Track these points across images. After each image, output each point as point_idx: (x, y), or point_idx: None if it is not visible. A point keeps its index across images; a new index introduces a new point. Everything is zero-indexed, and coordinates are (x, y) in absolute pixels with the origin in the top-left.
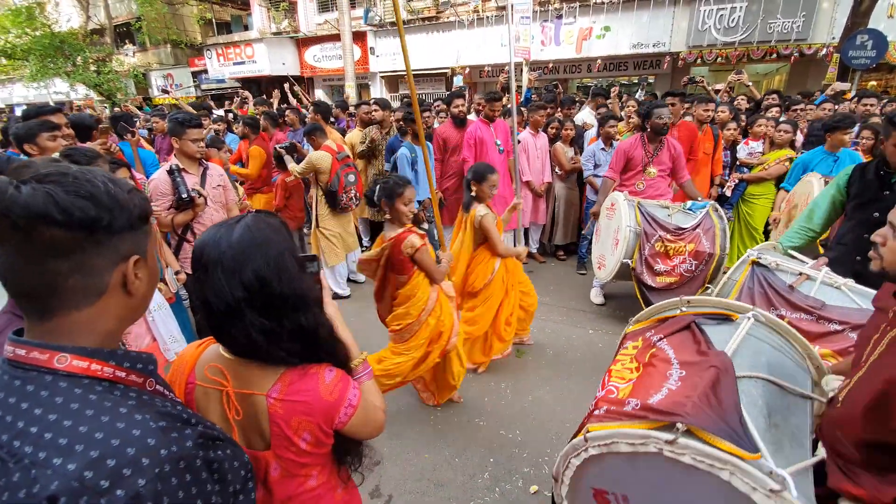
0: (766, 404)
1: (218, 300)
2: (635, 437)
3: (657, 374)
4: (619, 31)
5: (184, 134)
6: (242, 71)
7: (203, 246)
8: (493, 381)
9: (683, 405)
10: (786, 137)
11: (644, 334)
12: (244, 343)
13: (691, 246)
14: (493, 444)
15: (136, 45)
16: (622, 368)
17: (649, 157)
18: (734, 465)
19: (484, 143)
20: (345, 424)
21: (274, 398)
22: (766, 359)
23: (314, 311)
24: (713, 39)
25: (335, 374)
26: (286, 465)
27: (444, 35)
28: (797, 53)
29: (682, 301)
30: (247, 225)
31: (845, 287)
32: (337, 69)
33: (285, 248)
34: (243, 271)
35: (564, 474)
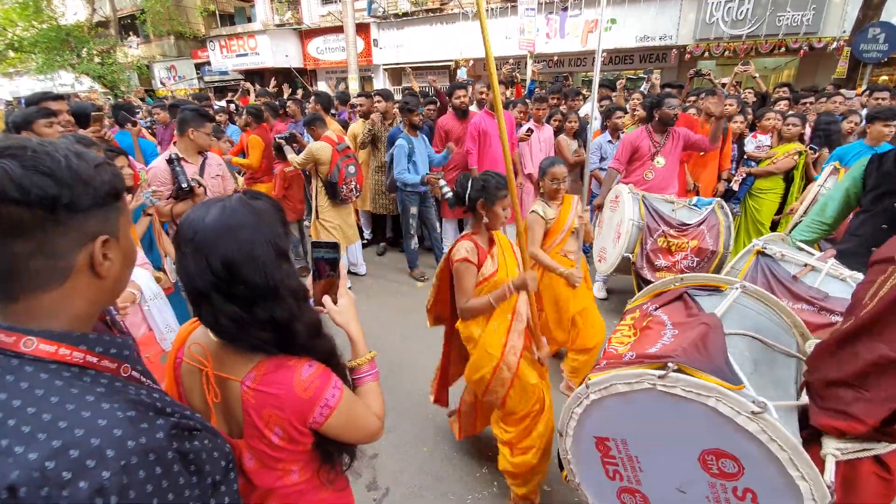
0: (752, 356)
1: (188, 281)
2: (631, 376)
3: (653, 334)
4: (626, 24)
5: (202, 126)
6: (245, 63)
7: (182, 223)
8: None
9: (675, 350)
10: (794, 131)
11: (641, 307)
12: (215, 326)
13: (694, 242)
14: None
15: (140, 37)
16: (621, 336)
17: (657, 147)
18: (720, 392)
19: (487, 135)
20: (321, 425)
21: (247, 386)
22: (752, 322)
23: (289, 304)
24: (721, 33)
25: (314, 369)
26: (260, 456)
27: (448, 27)
28: (806, 47)
29: (675, 278)
30: (223, 206)
31: (851, 279)
32: (340, 61)
33: (263, 234)
34: (211, 255)
35: (568, 426)
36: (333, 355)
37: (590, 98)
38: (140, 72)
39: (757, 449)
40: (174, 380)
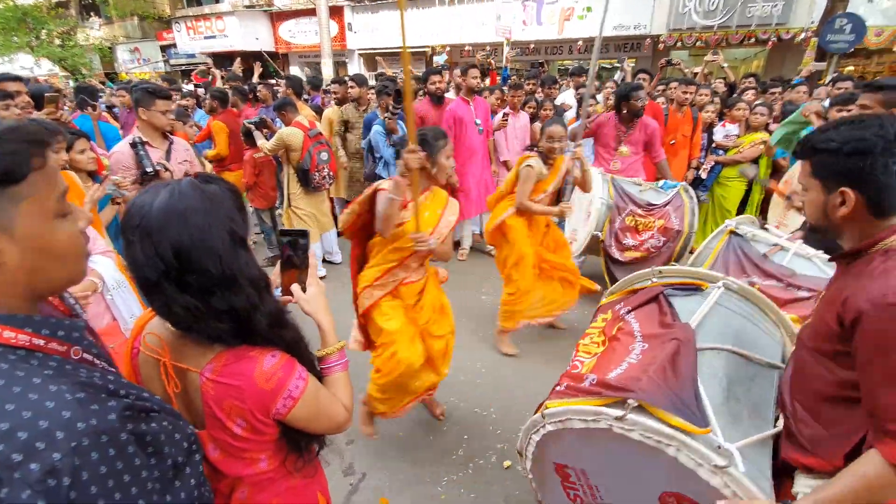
0: (728, 376)
1: (136, 270)
2: (587, 413)
3: (620, 349)
4: (601, 12)
5: (153, 105)
6: (213, 45)
7: (129, 208)
8: (468, 360)
9: (638, 380)
10: (761, 120)
11: (614, 307)
12: (168, 316)
13: (661, 222)
14: (467, 422)
15: (102, 18)
16: (590, 343)
17: (622, 135)
18: (680, 441)
19: (463, 122)
20: (285, 416)
21: (206, 377)
22: (733, 329)
23: (248, 293)
24: (693, 23)
25: (278, 360)
26: (224, 446)
27: (424, 12)
28: (775, 38)
29: (653, 272)
30: (172, 190)
31: (816, 258)
32: (313, 45)
33: (215, 218)
34: (160, 241)
35: (527, 449)
36: (298, 345)
37: (565, 86)
38: (102, 54)
39: (720, 499)
40: (132, 369)
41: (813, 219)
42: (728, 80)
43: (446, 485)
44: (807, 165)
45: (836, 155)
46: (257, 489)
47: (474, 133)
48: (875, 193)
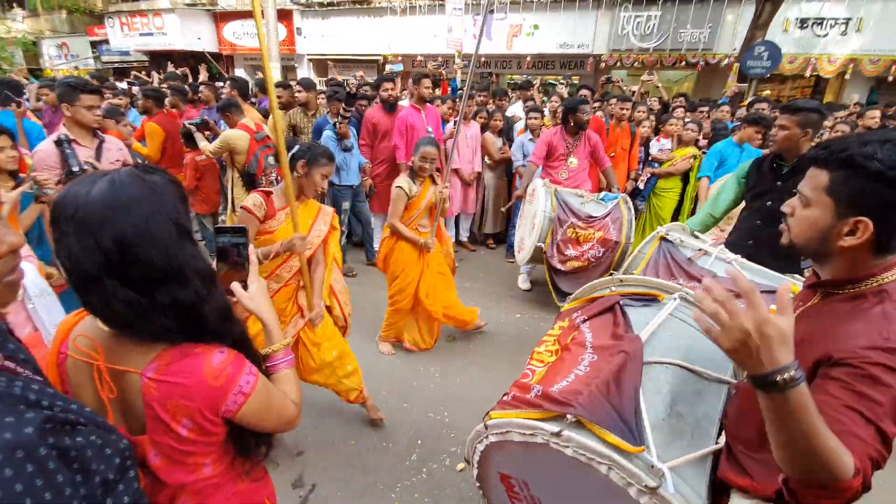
0: (672, 392)
1: (72, 264)
2: (526, 427)
3: (570, 359)
4: (548, 31)
5: (76, 100)
6: (150, 43)
7: (59, 200)
8: (421, 365)
9: (580, 394)
10: (692, 136)
11: (571, 314)
12: (107, 314)
13: (600, 233)
14: (420, 427)
15: (26, 10)
16: (544, 351)
17: (570, 148)
18: (612, 459)
19: (415, 129)
20: (235, 413)
21: (149, 378)
22: (684, 342)
23: (195, 286)
24: (631, 45)
25: (226, 356)
26: (167, 451)
27: (375, 20)
28: (703, 62)
29: (614, 280)
30: (112, 180)
31: (735, 262)
32: (258, 48)
33: (159, 209)
34: (101, 233)
35: (473, 458)
36: (246, 340)
37: (515, 99)
38: (26, 48)
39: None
40: (58, 378)
41: (803, 238)
42: (662, 98)
43: (400, 491)
44: (823, 177)
45: (875, 180)
46: (201, 497)
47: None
48: (890, 232)
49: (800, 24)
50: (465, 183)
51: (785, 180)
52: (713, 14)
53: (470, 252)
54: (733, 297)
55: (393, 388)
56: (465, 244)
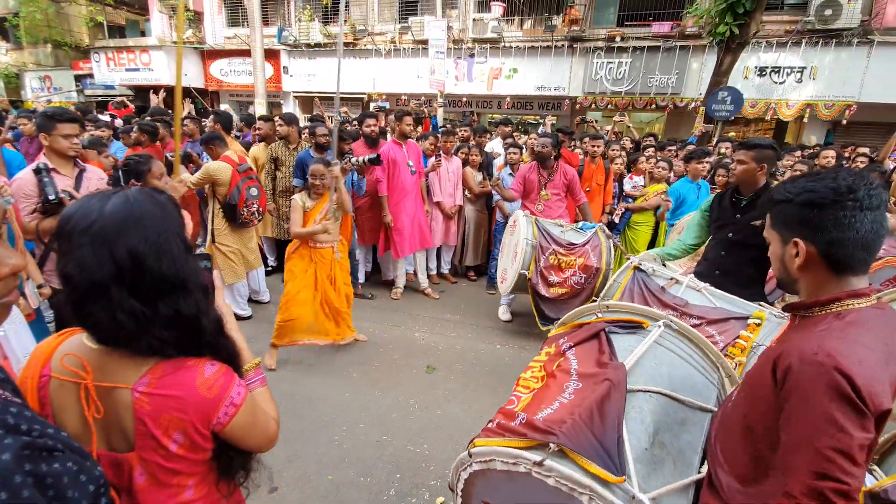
0: (655, 422)
1: (82, 275)
2: (508, 456)
3: (555, 387)
4: (526, 74)
5: (54, 129)
6: (136, 78)
7: (70, 214)
8: (401, 397)
9: (563, 423)
10: (663, 174)
11: (558, 340)
12: (109, 326)
13: (581, 260)
14: (399, 460)
15: (10, 43)
16: (530, 377)
17: (544, 181)
18: (593, 489)
19: (396, 163)
20: (225, 426)
21: (140, 392)
22: (668, 370)
23: (196, 298)
24: (604, 88)
25: (217, 368)
26: (153, 470)
27: (362, 61)
28: (672, 105)
29: (600, 306)
30: (126, 196)
31: (704, 290)
32: (246, 85)
33: (169, 225)
34: (115, 245)
35: (457, 486)
36: (235, 356)
37: (496, 135)
38: (7, 81)
39: None
40: (38, 401)
41: (775, 270)
42: (633, 138)
43: None
44: (768, 218)
45: (790, 205)
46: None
47: (407, 174)
48: (826, 246)
49: (759, 71)
50: (446, 216)
51: (744, 213)
52: (679, 62)
53: (451, 284)
54: (705, 323)
55: (371, 421)
56: (446, 276)
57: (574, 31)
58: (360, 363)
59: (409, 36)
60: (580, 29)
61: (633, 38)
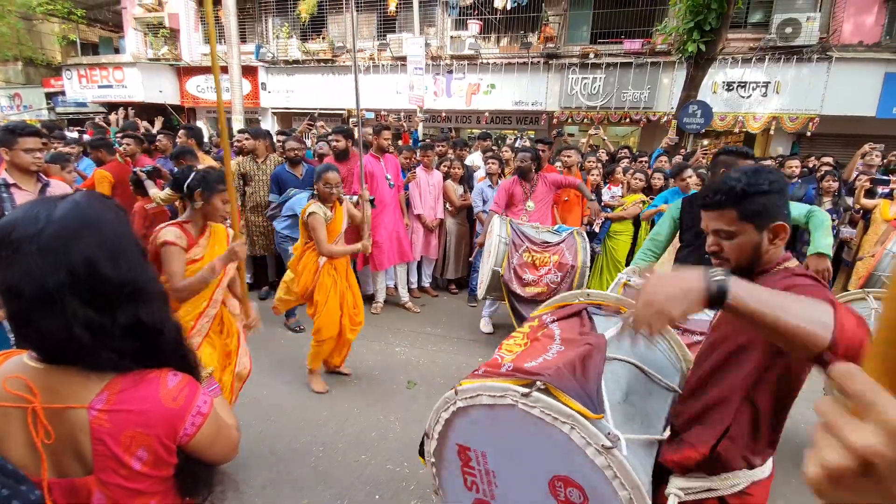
0: (628, 384)
1: (31, 285)
2: (496, 389)
3: (539, 347)
4: (503, 89)
5: (15, 143)
6: (109, 95)
7: (13, 221)
8: (381, 414)
9: (548, 368)
10: (639, 185)
11: (541, 317)
12: (62, 341)
13: (555, 258)
14: (379, 480)
15: None
16: (513, 343)
17: (527, 193)
18: (575, 420)
19: (374, 176)
20: (191, 437)
21: (98, 410)
22: (640, 349)
23: (157, 306)
24: (580, 103)
25: (180, 378)
26: (113, 492)
27: (340, 77)
28: (645, 119)
29: (582, 293)
30: (75, 201)
31: None
32: (224, 102)
33: (125, 230)
34: (68, 252)
35: (434, 429)
36: (195, 366)
37: (475, 148)
38: None
39: (602, 483)
40: None
41: (744, 260)
42: (608, 150)
43: None
44: (731, 212)
45: (767, 195)
46: None
47: (385, 187)
48: (785, 223)
49: (726, 86)
50: (427, 229)
51: None
52: (651, 77)
53: (432, 297)
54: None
55: (350, 441)
56: (427, 289)
57: (549, 48)
58: (338, 380)
59: (388, 53)
60: (555, 46)
61: (606, 54)
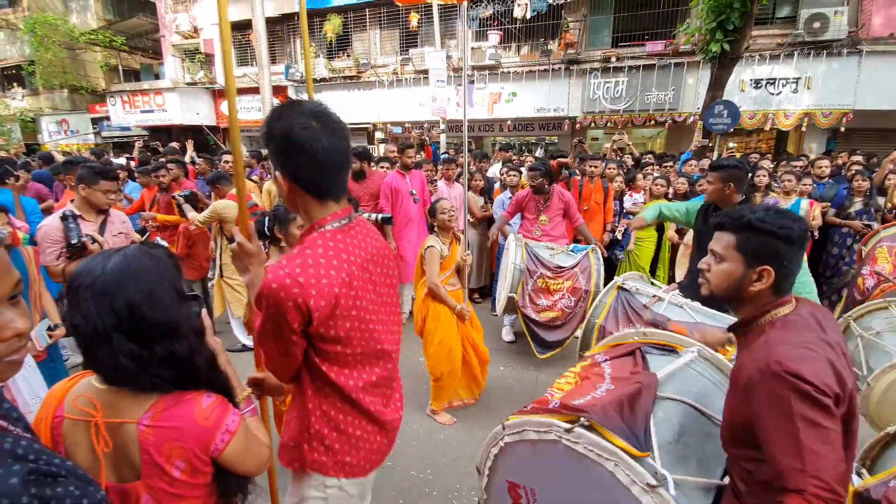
0: (682, 424)
1: (86, 324)
2: (541, 424)
3: (588, 385)
4: (525, 97)
5: (95, 184)
6: (151, 119)
7: (78, 272)
8: (405, 423)
9: (595, 405)
10: (661, 190)
11: (594, 357)
12: (113, 368)
13: (569, 283)
14: (402, 486)
15: (27, 89)
16: (564, 382)
17: (540, 207)
18: (619, 457)
19: (399, 192)
20: (222, 452)
21: (145, 425)
22: (697, 388)
23: (189, 340)
24: (602, 107)
25: (213, 399)
26: (158, 496)
27: (365, 93)
28: (671, 120)
29: (638, 332)
30: (125, 254)
31: (686, 306)
32: (255, 121)
33: (162, 277)
34: (115, 297)
35: (485, 465)
36: (229, 388)
37: (495, 159)
38: (24, 125)
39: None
40: (52, 440)
41: (721, 288)
42: (634, 155)
43: None
44: (730, 238)
45: (769, 236)
46: None
47: (409, 203)
48: (784, 276)
49: (754, 84)
50: None
51: None
52: (675, 78)
53: None
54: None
55: None
56: None
57: (570, 54)
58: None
59: (411, 67)
60: (576, 52)
61: (628, 57)
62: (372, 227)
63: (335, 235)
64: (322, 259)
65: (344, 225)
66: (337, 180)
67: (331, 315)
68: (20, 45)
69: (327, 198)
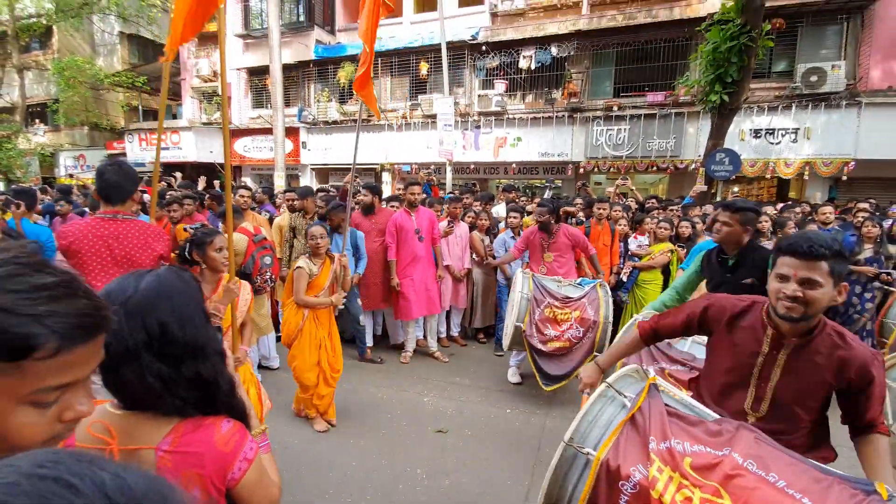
0: None
1: (117, 342)
2: None
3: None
4: (530, 142)
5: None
6: (166, 156)
7: (108, 291)
8: (407, 466)
9: None
10: (665, 233)
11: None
12: (138, 388)
13: (577, 313)
14: None
15: (49, 125)
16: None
17: (545, 244)
18: None
19: (404, 230)
20: (237, 481)
21: (164, 451)
22: None
23: (214, 361)
24: (605, 153)
25: (232, 425)
26: None
27: (375, 135)
28: (672, 167)
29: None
30: (157, 274)
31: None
32: (267, 160)
33: (192, 298)
34: (146, 316)
35: None
36: (248, 415)
37: (499, 200)
38: (42, 159)
39: None
40: None
41: (818, 309)
42: (637, 199)
43: None
44: (822, 265)
45: (845, 258)
46: None
47: (415, 241)
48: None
49: (754, 133)
50: (455, 279)
51: (733, 272)
52: (675, 127)
53: (461, 347)
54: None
55: (376, 493)
56: (455, 339)
57: (573, 102)
58: (368, 429)
59: (419, 111)
60: (579, 101)
61: (630, 107)
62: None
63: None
64: None
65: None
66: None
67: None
68: (47, 84)
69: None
